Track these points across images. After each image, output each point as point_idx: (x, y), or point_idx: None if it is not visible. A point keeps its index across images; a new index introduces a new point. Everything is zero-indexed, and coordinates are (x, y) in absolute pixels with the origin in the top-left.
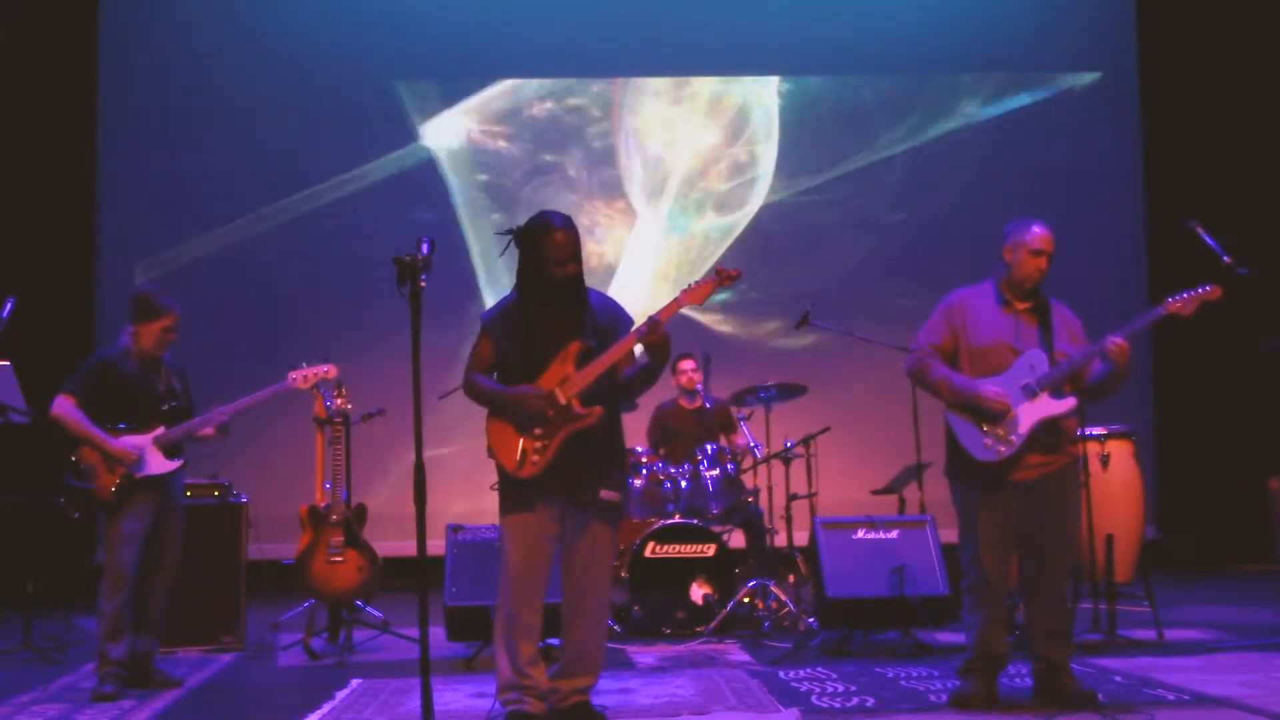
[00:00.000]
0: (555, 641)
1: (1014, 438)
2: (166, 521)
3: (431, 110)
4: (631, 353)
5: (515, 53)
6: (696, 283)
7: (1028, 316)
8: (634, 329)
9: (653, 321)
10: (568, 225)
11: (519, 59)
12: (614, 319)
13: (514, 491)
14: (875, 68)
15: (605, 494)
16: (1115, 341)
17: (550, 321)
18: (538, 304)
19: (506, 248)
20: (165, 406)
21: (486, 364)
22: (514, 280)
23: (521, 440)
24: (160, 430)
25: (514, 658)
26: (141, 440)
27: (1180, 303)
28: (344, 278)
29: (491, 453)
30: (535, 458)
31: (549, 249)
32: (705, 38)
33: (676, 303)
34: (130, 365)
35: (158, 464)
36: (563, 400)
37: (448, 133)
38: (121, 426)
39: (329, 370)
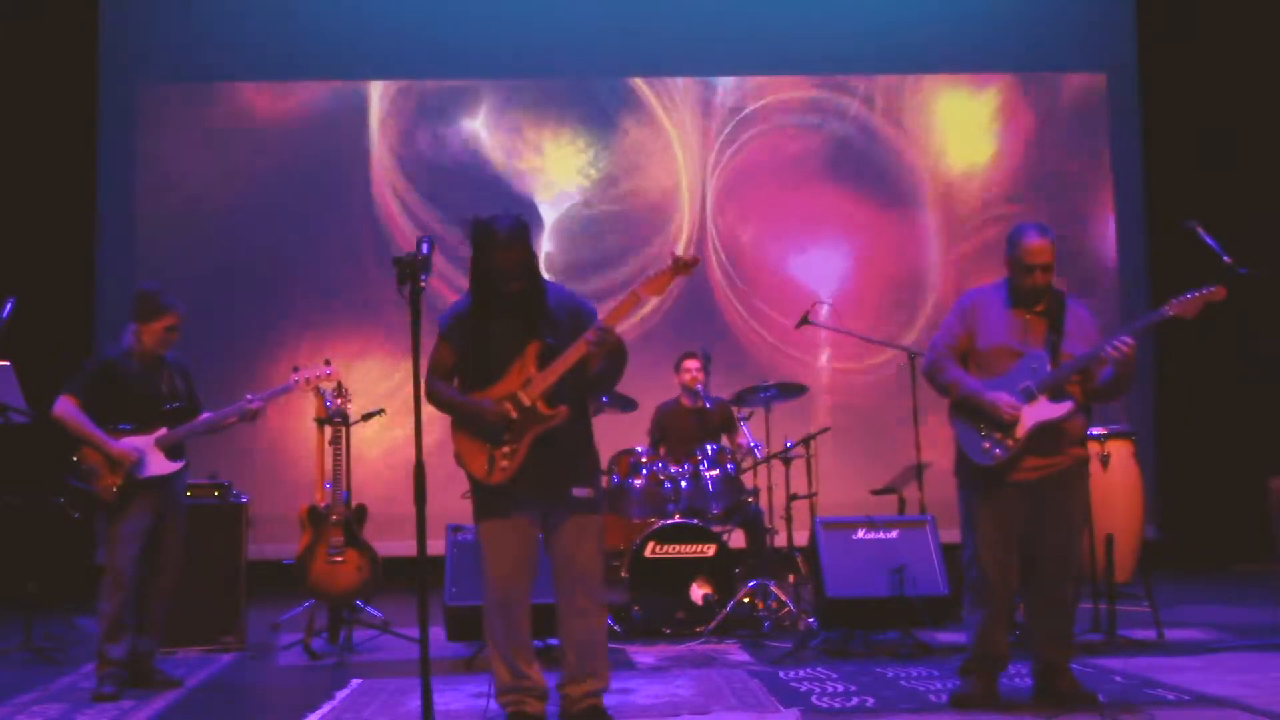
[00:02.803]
0: (556, 642)
1: (1010, 441)
2: (168, 522)
3: (440, 109)
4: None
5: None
6: (652, 274)
7: (1038, 318)
8: (583, 338)
9: (600, 331)
10: (514, 237)
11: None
12: (574, 314)
13: (487, 498)
14: (873, 67)
15: (577, 491)
16: (1119, 344)
17: (504, 327)
18: (490, 310)
19: (465, 241)
20: (167, 407)
21: (446, 369)
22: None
23: (488, 446)
24: (162, 431)
25: (509, 661)
26: (143, 442)
27: (1182, 305)
28: (347, 276)
29: (460, 460)
30: (504, 463)
31: (493, 267)
32: (688, 36)
33: (634, 295)
34: (132, 365)
35: (159, 465)
36: (527, 401)
37: (457, 132)
38: (124, 427)
39: (331, 373)
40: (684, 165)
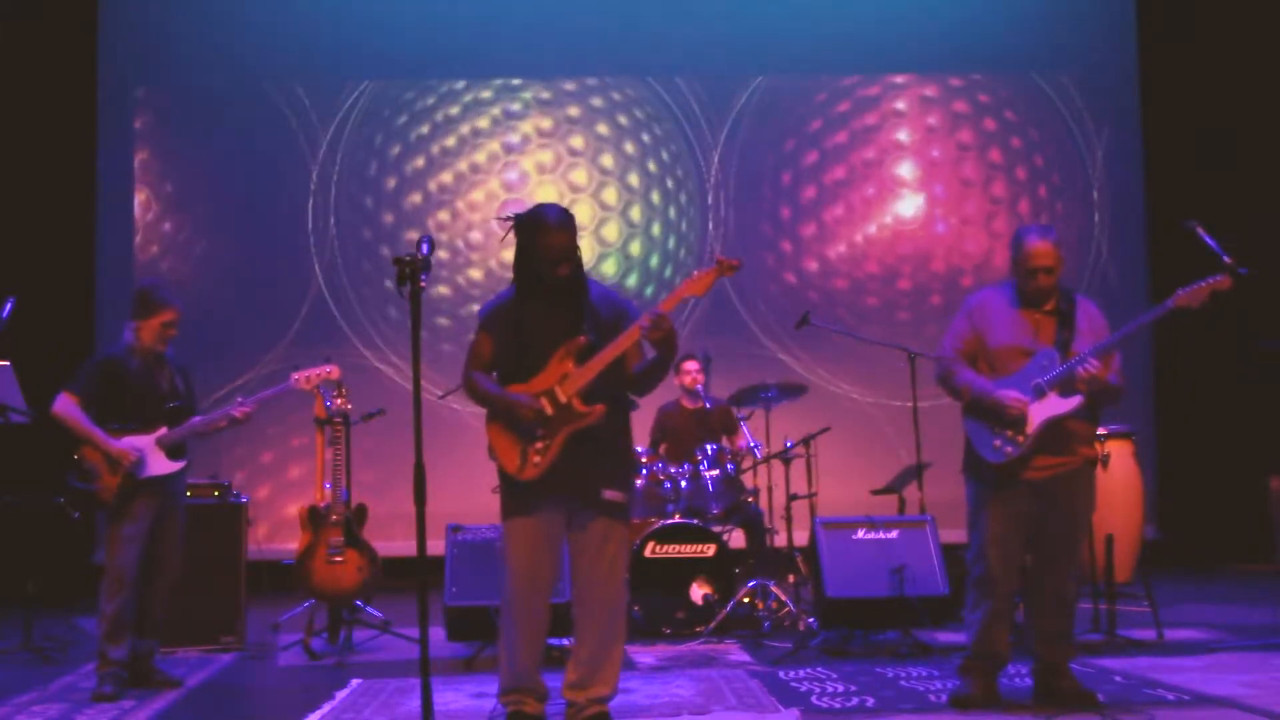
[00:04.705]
0: (557, 642)
1: (1021, 438)
2: (168, 522)
3: (444, 108)
4: (639, 346)
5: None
6: (697, 272)
7: (1047, 316)
8: (637, 323)
9: (657, 315)
10: (563, 223)
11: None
12: (616, 312)
13: (516, 494)
14: (872, 68)
15: (609, 494)
16: (1089, 367)
17: (547, 319)
18: (534, 301)
19: (505, 236)
20: (168, 406)
21: (485, 361)
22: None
23: (522, 441)
24: (163, 431)
25: (515, 660)
26: (143, 441)
27: (1189, 295)
28: (345, 275)
29: (492, 454)
30: (536, 459)
31: (543, 249)
32: (687, 35)
33: (677, 293)
34: (134, 363)
35: (160, 465)
36: (563, 398)
37: (452, 128)
38: (124, 426)
39: (331, 371)
40: (688, 167)
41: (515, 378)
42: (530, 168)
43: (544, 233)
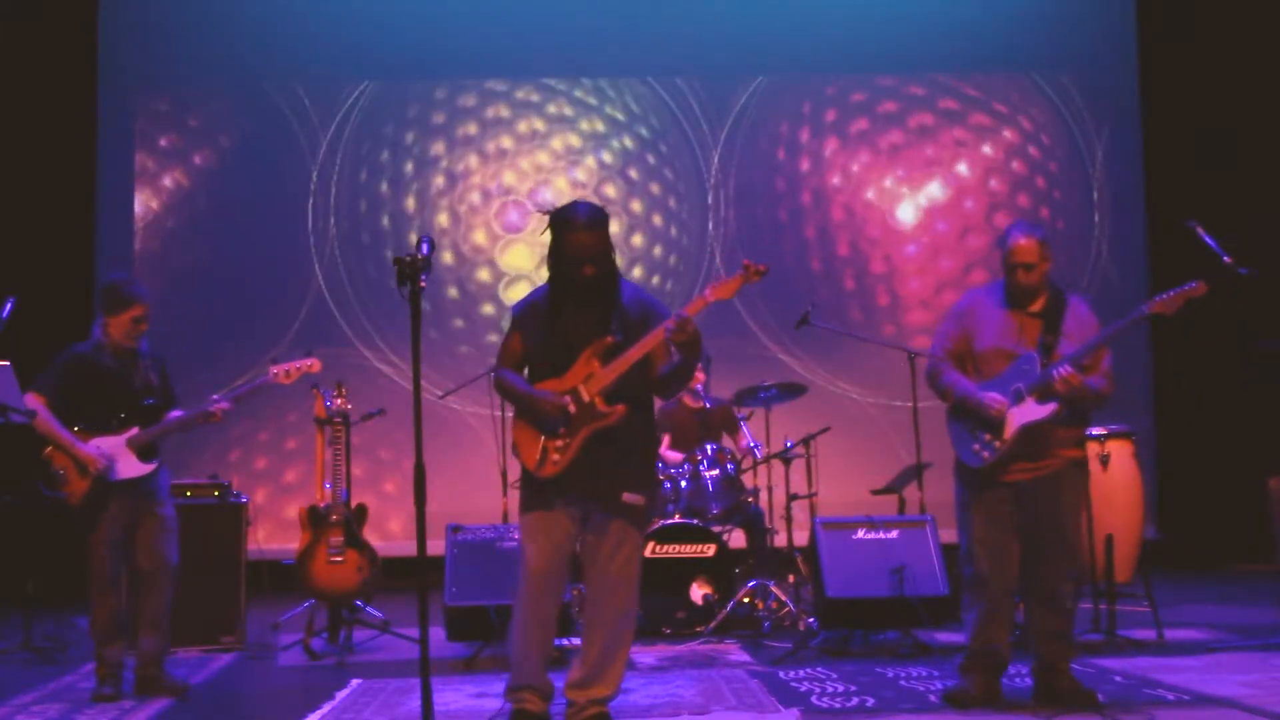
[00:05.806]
0: (561, 641)
1: (999, 443)
2: (146, 525)
3: (437, 106)
4: (666, 349)
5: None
6: (723, 278)
7: (1033, 318)
8: (662, 326)
9: (681, 319)
10: (593, 223)
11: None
12: (646, 312)
13: (534, 490)
14: (872, 68)
15: (628, 497)
16: (1062, 372)
17: (576, 317)
18: (565, 299)
19: (545, 229)
20: (144, 403)
21: (516, 358)
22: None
23: (543, 438)
24: (134, 431)
25: (523, 657)
26: (112, 443)
27: (1163, 302)
28: (345, 275)
29: (515, 450)
30: (556, 456)
31: (570, 248)
32: (687, 35)
33: (702, 299)
34: (105, 358)
35: (131, 467)
36: (586, 397)
37: (464, 133)
38: (93, 426)
39: (312, 364)
40: (688, 167)
41: (545, 375)
42: (530, 168)
43: (572, 231)
